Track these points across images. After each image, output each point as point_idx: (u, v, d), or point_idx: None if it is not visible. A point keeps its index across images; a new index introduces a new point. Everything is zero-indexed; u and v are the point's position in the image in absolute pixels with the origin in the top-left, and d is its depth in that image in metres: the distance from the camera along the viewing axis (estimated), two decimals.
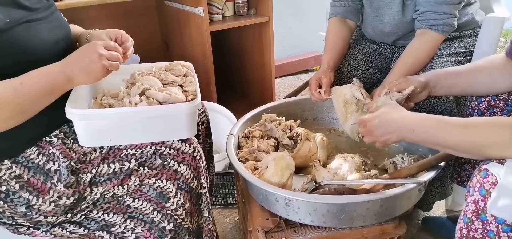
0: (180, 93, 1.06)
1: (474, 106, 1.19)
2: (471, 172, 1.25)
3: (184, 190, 1.01)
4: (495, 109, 1.15)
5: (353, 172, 1.11)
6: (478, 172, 0.82)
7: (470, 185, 0.83)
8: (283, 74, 3.22)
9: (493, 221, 0.77)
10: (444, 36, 1.36)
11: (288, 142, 1.30)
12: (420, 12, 1.35)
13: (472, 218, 0.81)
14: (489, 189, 0.78)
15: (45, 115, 0.92)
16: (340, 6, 1.55)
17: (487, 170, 0.80)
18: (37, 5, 1.00)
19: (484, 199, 0.78)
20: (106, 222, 1.01)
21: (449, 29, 1.35)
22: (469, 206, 0.81)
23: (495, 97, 1.14)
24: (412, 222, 1.55)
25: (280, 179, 1.08)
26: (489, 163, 0.82)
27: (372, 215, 1.00)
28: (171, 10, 2.24)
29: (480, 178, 0.80)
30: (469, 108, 1.21)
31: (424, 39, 1.36)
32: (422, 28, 1.36)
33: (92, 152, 1.00)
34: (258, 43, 2.27)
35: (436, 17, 1.32)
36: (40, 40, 0.95)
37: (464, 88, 1.14)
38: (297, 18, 3.23)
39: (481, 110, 1.17)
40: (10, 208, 0.94)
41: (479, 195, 0.79)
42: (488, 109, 1.16)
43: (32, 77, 0.88)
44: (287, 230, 1.05)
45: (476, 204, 0.80)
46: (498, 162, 0.81)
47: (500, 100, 1.14)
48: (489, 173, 0.79)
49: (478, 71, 1.11)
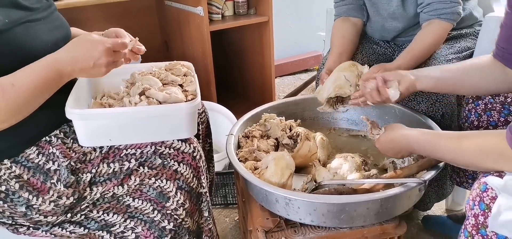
0: (180, 93, 1.06)
1: (470, 108, 1.19)
2: (470, 174, 1.25)
3: (184, 189, 1.01)
4: (492, 111, 1.14)
5: (353, 172, 1.11)
6: (477, 185, 0.82)
7: (470, 197, 0.83)
8: (283, 73, 3.22)
9: (494, 237, 0.77)
10: (452, 24, 1.35)
11: (288, 142, 1.30)
12: (425, 4, 1.35)
13: (472, 233, 0.81)
14: (489, 203, 0.78)
15: (45, 115, 0.92)
16: (342, 5, 1.54)
17: (486, 184, 0.80)
18: (36, 5, 1.00)
19: (484, 213, 0.78)
20: (106, 222, 1.01)
21: (456, 17, 1.34)
22: (469, 220, 0.82)
23: (492, 100, 1.14)
24: (412, 222, 1.55)
25: (280, 179, 1.08)
26: (488, 177, 0.82)
27: (372, 215, 1.00)
28: (171, 10, 2.24)
29: (479, 192, 0.80)
30: (466, 110, 1.21)
31: (432, 27, 1.35)
32: (429, 19, 1.35)
33: (92, 152, 1.00)
34: (258, 43, 2.27)
35: (443, 6, 1.32)
36: (39, 41, 0.95)
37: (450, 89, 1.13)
38: (297, 18, 3.23)
39: (479, 113, 1.17)
40: (10, 208, 0.93)
41: (479, 209, 0.79)
42: (485, 112, 1.15)
43: (25, 75, 0.84)
44: (287, 230, 1.05)
45: (476, 218, 0.80)
46: (497, 175, 0.81)
47: (497, 103, 1.13)
48: (489, 186, 0.80)
49: (466, 72, 1.09)
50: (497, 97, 1.13)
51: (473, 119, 1.19)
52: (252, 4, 2.21)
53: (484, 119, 1.16)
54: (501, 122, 1.14)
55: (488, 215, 0.77)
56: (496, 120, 1.14)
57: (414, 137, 1.01)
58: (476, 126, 1.18)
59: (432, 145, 0.96)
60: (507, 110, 1.12)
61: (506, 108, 1.12)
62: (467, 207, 0.84)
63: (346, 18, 1.54)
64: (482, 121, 1.17)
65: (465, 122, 1.22)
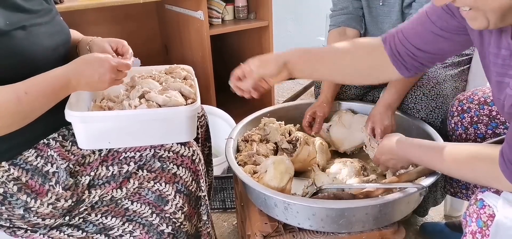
0: (180, 96, 1.06)
1: (456, 121, 1.19)
2: (464, 184, 1.25)
3: (183, 193, 1.01)
4: (479, 124, 1.14)
5: (352, 177, 1.11)
6: (474, 201, 0.82)
7: (466, 213, 0.83)
8: None
9: None
10: None
11: (287, 146, 1.30)
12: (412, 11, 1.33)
13: None
14: (486, 221, 0.78)
15: (44, 118, 0.91)
16: (341, 14, 1.48)
17: (483, 201, 0.80)
18: (38, 8, 1.00)
19: (481, 231, 0.78)
20: (104, 225, 1.01)
21: None
22: (467, 237, 0.82)
23: (478, 112, 1.14)
24: (410, 228, 1.55)
25: (279, 183, 1.08)
26: (485, 193, 0.82)
27: (371, 220, 1.00)
28: (171, 14, 2.24)
29: (476, 208, 0.80)
30: (452, 123, 1.21)
31: None
32: None
33: (91, 154, 1.00)
34: (257, 47, 2.27)
35: None
36: (39, 45, 0.95)
37: (326, 73, 1.10)
38: (297, 23, 3.24)
39: (465, 126, 1.17)
40: (7, 210, 0.93)
41: (477, 226, 0.79)
42: (471, 125, 1.15)
43: (37, 85, 0.87)
44: (285, 234, 1.04)
45: (474, 235, 0.80)
46: (494, 191, 0.81)
47: (483, 116, 1.13)
48: (486, 204, 0.80)
49: (343, 53, 1.05)
50: (481, 110, 1.13)
51: (460, 132, 1.19)
52: (252, 8, 2.21)
53: (471, 131, 1.16)
54: (489, 135, 1.14)
55: (486, 233, 0.77)
56: (484, 132, 1.14)
57: (409, 149, 1.01)
58: (464, 138, 1.18)
59: (428, 159, 0.97)
60: (495, 123, 1.12)
61: (493, 121, 1.12)
62: (464, 222, 0.84)
63: (342, 32, 1.48)
64: (470, 133, 1.17)
65: (452, 135, 1.22)
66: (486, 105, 1.13)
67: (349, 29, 1.49)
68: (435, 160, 0.94)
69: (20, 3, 0.95)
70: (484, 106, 1.13)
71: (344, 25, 1.49)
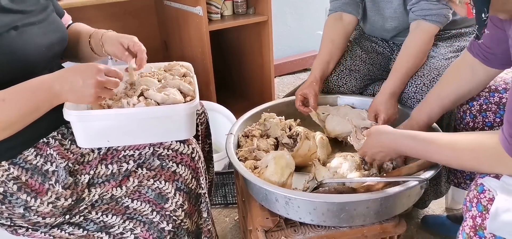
0: (179, 93, 1.05)
1: (465, 109, 1.18)
2: (468, 174, 1.25)
3: (183, 191, 1.00)
4: (487, 112, 1.13)
5: (353, 171, 1.11)
6: (474, 186, 0.82)
7: (466, 199, 0.83)
8: (282, 73, 3.21)
9: (492, 238, 0.77)
10: (438, 27, 1.32)
11: (288, 141, 1.30)
12: (414, 2, 1.33)
13: (470, 234, 0.81)
14: (486, 205, 0.78)
15: (43, 117, 0.91)
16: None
17: (483, 185, 0.80)
18: (31, 7, 0.99)
19: (481, 215, 0.78)
20: (105, 223, 1.01)
21: (443, 19, 1.31)
22: (467, 221, 0.81)
23: (487, 100, 1.13)
24: (411, 221, 1.55)
25: (280, 178, 1.08)
26: (485, 178, 0.81)
27: (372, 214, 1.00)
28: (170, 10, 2.23)
29: (476, 193, 0.80)
30: (460, 112, 1.20)
31: (418, 34, 1.33)
32: (416, 20, 1.33)
33: (90, 153, 1.00)
34: (257, 42, 2.26)
35: (430, 7, 1.29)
36: (33, 44, 0.94)
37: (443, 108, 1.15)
38: (296, 17, 3.22)
39: (473, 114, 1.16)
40: (8, 209, 0.93)
41: (477, 211, 0.79)
42: (480, 112, 1.14)
43: (16, 92, 0.85)
44: (287, 229, 1.04)
45: (474, 219, 0.80)
46: (494, 176, 0.81)
47: (491, 104, 1.12)
48: (486, 188, 0.79)
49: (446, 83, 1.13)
50: (491, 97, 1.12)
51: (468, 120, 1.18)
52: (251, 3, 2.20)
53: (479, 120, 1.15)
54: (497, 123, 1.13)
55: (486, 217, 0.77)
56: (492, 121, 1.13)
57: (403, 142, 0.99)
58: (472, 127, 1.17)
59: (425, 152, 0.95)
60: (503, 110, 1.11)
61: (502, 109, 1.11)
62: (464, 208, 0.84)
63: (338, 17, 1.50)
64: (478, 121, 1.16)
65: (460, 123, 1.21)
66: (497, 93, 1.11)
67: (345, 14, 1.50)
68: (432, 151, 0.93)
69: (11, 6, 0.94)
70: (495, 93, 1.12)
71: (340, 10, 1.50)
